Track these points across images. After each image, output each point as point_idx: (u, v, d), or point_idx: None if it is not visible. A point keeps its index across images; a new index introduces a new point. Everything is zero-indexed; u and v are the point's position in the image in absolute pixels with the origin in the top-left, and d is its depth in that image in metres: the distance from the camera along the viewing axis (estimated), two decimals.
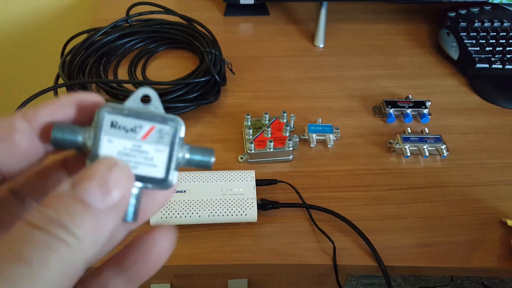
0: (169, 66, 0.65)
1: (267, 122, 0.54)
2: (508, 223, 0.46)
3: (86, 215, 0.13)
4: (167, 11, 0.67)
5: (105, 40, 0.64)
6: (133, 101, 0.16)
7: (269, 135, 0.52)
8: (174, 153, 0.16)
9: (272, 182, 0.49)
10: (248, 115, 0.53)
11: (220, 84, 0.60)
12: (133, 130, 0.16)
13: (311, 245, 0.45)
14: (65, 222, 0.13)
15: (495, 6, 0.73)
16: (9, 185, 0.17)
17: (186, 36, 0.66)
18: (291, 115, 0.54)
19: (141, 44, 0.67)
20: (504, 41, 0.68)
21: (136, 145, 0.16)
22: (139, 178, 0.16)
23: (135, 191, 0.16)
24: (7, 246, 0.12)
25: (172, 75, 0.63)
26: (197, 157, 0.17)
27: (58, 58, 0.63)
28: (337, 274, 0.44)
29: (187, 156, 0.17)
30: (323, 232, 0.45)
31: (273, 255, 0.44)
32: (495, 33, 0.69)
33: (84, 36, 0.65)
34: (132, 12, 0.67)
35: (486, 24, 0.70)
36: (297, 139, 0.53)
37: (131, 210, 0.16)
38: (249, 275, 0.53)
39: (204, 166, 0.17)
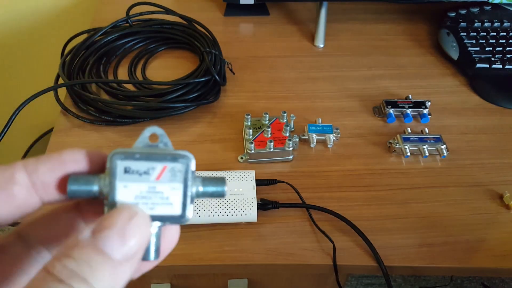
0: (169, 66, 0.65)
1: (267, 122, 0.54)
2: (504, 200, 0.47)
3: (105, 266, 0.13)
4: (167, 11, 0.67)
5: (105, 40, 0.64)
6: (141, 141, 0.17)
7: (269, 135, 0.52)
8: (188, 189, 0.16)
9: (272, 182, 0.49)
10: (248, 115, 0.53)
11: (220, 84, 0.60)
12: (146, 172, 0.16)
13: (311, 245, 0.45)
14: (85, 276, 0.13)
15: (495, 6, 0.73)
16: (17, 229, 0.17)
17: (186, 36, 0.66)
18: (291, 115, 0.54)
19: (141, 44, 0.67)
20: (504, 41, 0.68)
21: (151, 186, 0.16)
22: (158, 218, 0.16)
23: (154, 230, 0.16)
24: None
25: (172, 75, 0.63)
26: (211, 189, 0.17)
27: (58, 58, 0.63)
28: (337, 274, 0.44)
29: (201, 189, 0.17)
30: (323, 232, 0.45)
31: (273, 255, 0.44)
32: (495, 33, 0.69)
33: (84, 36, 0.65)
34: (132, 12, 0.67)
35: (486, 24, 0.70)
36: (297, 139, 0.53)
37: (152, 249, 0.16)
38: (249, 275, 0.53)
39: (217, 196, 0.17)
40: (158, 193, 0.16)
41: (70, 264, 0.13)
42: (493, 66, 0.65)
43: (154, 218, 0.16)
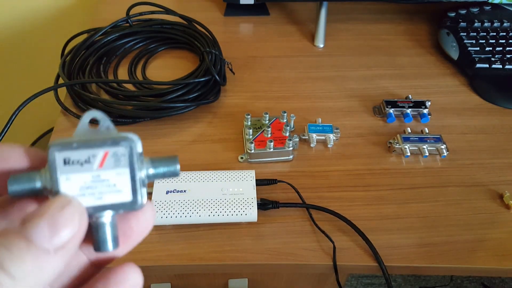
0: (169, 66, 0.65)
1: (267, 122, 0.54)
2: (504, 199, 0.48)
3: (28, 254, 0.13)
4: (167, 11, 0.67)
5: (105, 40, 0.64)
6: (81, 128, 0.16)
7: (269, 135, 0.52)
8: (135, 172, 0.16)
9: (272, 182, 0.49)
10: (248, 115, 0.53)
11: (220, 84, 0.60)
12: (87, 161, 0.15)
13: (311, 245, 0.45)
14: (2, 261, 0.12)
15: (495, 6, 0.73)
16: None
17: (186, 36, 0.66)
18: (291, 115, 0.54)
19: (141, 44, 0.67)
20: (504, 41, 0.68)
21: (95, 175, 0.15)
22: (109, 206, 0.15)
23: (108, 219, 0.15)
24: None
25: (172, 75, 0.63)
26: (162, 169, 0.16)
27: (58, 58, 0.63)
28: (337, 274, 0.44)
29: (151, 171, 0.16)
30: (323, 232, 0.45)
31: (273, 255, 0.44)
32: (495, 33, 0.69)
33: (84, 36, 0.65)
34: (132, 12, 0.67)
35: (486, 24, 0.70)
36: (297, 139, 0.53)
37: (109, 239, 0.15)
38: (249, 275, 0.53)
39: (171, 176, 0.17)
40: (103, 181, 0.15)
41: None
42: (493, 66, 0.65)
43: (104, 207, 0.15)
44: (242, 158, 0.53)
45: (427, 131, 0.56)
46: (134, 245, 0.17)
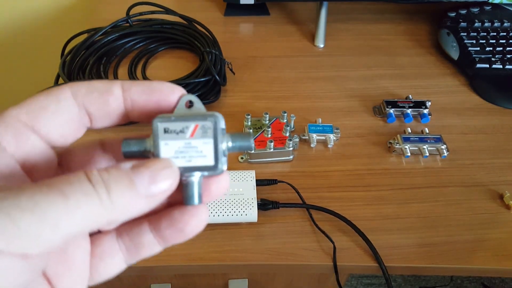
0: (169, 66, 0.65)
1: (267, 122, 0.54)
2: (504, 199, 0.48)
3: (127, 190, 0.16)
4: (167, 11, 0.67)
5: (105, 40, 0.64)
6: (180, 108, 0.20)
7: (269, 135, 0.52)
8: (218, 142, 0.19)
9: (272, 182, 0.49)
10: (248, 115, 0.53)
11: (220, 84, 0.60)
12: (182, 131, 0.19)
13: (311, 245, 0.45)
14: (110, 186, 0.16)
15: (495, 6, 0.73)
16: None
17: (186, 36, 0.66)
18: (291, 115, 0.54)
19: (141, 44, 0.67)
20: (504, 41, 0.68)
21: (187, 142, 0.19)
22: (196, 168, 0.19)
23: (195, 179, 0.19)
24: (60, 181, 0.15)
25: (172, 75, 0.63)
26: (239, 143, 0.20)
27: (58, 58, 0.63)
28: (337, 274, 0.44)
29: (230, 144, 0.20)
30: (323, 232, 0.45)
31: (273, 255, 0.44)
32: (495, 33, 0.69)
33: (84, 36, 0.65)
34: (132, 12, 0.67)
35: (486, 24, 0.70)
36: (297, 139, 0.53)
37: (195, 195, 0.19)
38: (249, 275, 0.53)
39: (246, 149, 0.20)
40: (193, 148, 0.19)
41: (104, 175, 0.16)
42: (493, 66, 0.65)
43: (192, 168, 0.19)
44: (242, 158, 0.53)
45: (427, 131, 0.56)
46: (210, 202, 0.20)
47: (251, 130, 0.21)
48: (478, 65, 0.65)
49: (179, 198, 0.19)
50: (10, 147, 0.17)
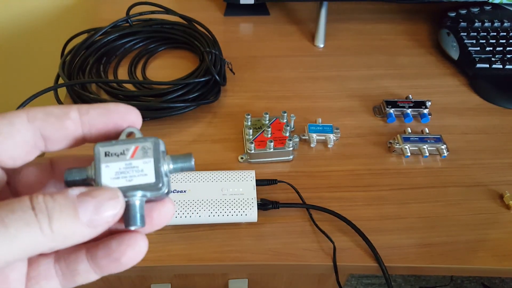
0: (169, 66, 0.65)
1: (267, 122, 0.54)
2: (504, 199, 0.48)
3: (70, 219, 0.16)
4: (167, 11, 0.67)
5: (105, 40, 0.64)
6: (122, 138, 0.20)
7: (269, 135, 0.52)
8: (159, 159, 0.20)
9: (272, 182, 0.49)
10: (248, 115, 0.53)
11: (220, 84, 0.60)
12: (122, 153, 0.20)
13: (311, 245, 0.45)
14: (52, 215, 0.16)
15: (495, 6, 0.73)
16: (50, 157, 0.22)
17: (186, 36, 0.66)
18: (291, 115, 0.54)
19: (141, 44, 0.67)
20: (504, 41, 0.68)
21: (128, 163, 0.20)
22: (137, 187, 0.19)
23: (138, 200, 0.19)
24: (2, 209, 0.15)
25: (172, 75, 0.63)
26: (180, 164, 0.21)
27: (58, 58, 0.63)
28: (337, 274, 0.44)
29: (171, 166, 0.20)
30: (323, 232, 0.45)
31: (273, 255, 0.44)
32: (495, 33, 0.69)
33: (84, 36, 0.65)
34: (132, 12, 0.67)
35: (486, 24, 0.70)
36: (297, 139, 0.53)
37: (138, 216, 0.19)
38: (249, 275, 0.53)
39: (188, 169, 0.21)
40: (134, 168, 0.19)
41: (48, 202, 0.16)
42: (493, 66, 0.65)
43: (133, 188, 0.19)
44: (242, 158, 0.53)
45: (428, 131, 0.56)
46: (151, 231, 0.21)
47: (191, 153, 0.21)
48: (478, 65, 0.65)
49: (121, 224, 0.19)
50: None
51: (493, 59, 0.65)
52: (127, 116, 0.20)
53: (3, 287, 0.18)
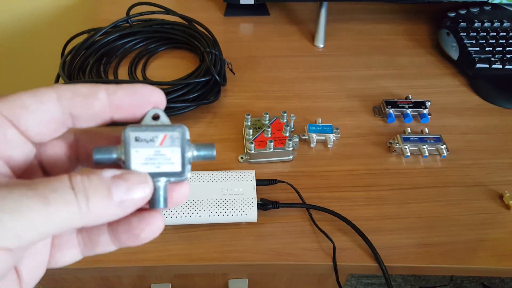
0: (169, 66, 0.65)
1: (267, 122, 0.54)
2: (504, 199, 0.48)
3: (104, 200, 0.18)
4: (168, 11, 0.67)
5: (106, 40, 0.64)
6: (147, 119, 0.21)
7: (269, 135, 0.52)
8: (185, 150, 0.21)
9: (272, 182, 0.49)
10: (248, 115, 0.53)
11: (220, 84, 0.60)
12: (152, 140, 0.20)
13: (311, 245, 0.45)
14: (89, 195, 0.17)
15: (495, 6, 0.73)
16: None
17: (186, 36, 0.66)
18: (291, 115, 0.54)
19: (141, 44, 0.67)
20: (504, 41, 0.68)
21: (156, 150, 0.20)
22: (163, 174, 0.20)
23: (162, 184, 0.20)
24: (45, 186, 0.17)
25: (172, 75, 0.63)
26: (203, 152, 0.22)
27: (58, 58, 0.63)
28: (337, 274, 0.44)
29: (195, 153, 0.21)
30: (323, 232, 0.45)
31: (273, 255, 0.44)
32: (495, 33, 0.69)
33: (85, 36, 0.65)
34: (132, 12, 0.67)
35: (486, 24, 0.70)
36: (297, 139, 0.53)
37: (161, 199, 0.20)
38: (249, 275, 0.53)
39: (210, 158, 0.22)
40: (162, 155, 0.20)
41: (85, 182, 0.17)
42: (493, 66, 0.65)
43: (160, 174, 0.20)
44: (242, 158, 0.53)
45: (427, 131, 0.56)
46: (168, 208, 0.22)
47: (214, 144, 0.22)
48: (478, 65, 0.65)
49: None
50: None
51: (492, 59, 0.65)
52: (152, 97, 0.21)
53: (32, 254, 0.20)
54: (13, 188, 0.16)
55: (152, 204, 0.20)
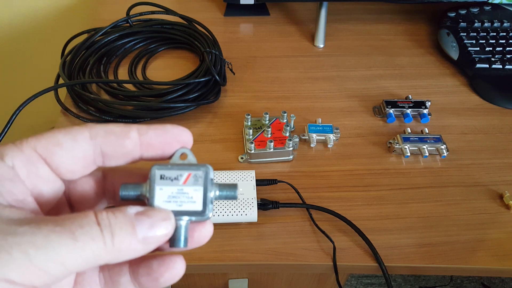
0: (169, 66, 0.66)
1: (267, 122, 0.54)
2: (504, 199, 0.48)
3: (129, 236, 0.18)
4: (168, 11, 0.67)
5: (106, 40, 0.64)
6: (175, 157, 0.22)
7: (269, 135, 0.52)
8: (207, 189, 0.21)
9: (272, 182, 0.49)
10: (248, 115, 0.53)
11: (220, 84, 0.60)
12: (176, 178, 0.21)
13: (311, 245, 0.45)
14: (114, 231, 0.17)
15: (495, 6, 0.73)
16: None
17: (186, 36, 0.66)
18: (291, 115, 0.54)
19: (141, 44, 0.67)
20: (504, 41, 0.68)
21: (180, 189, 0.21)
22: (185, 212, 0.21)
23: (183, 223, 0.21)
24: (72, 222, 0.17)
25: (172, 75, 0.63)
26: (225, 192, 0.22)
27: (58, 58, 0.64)
28: (337, 274, 0.44)
29: (217, 193, 0.22)
30: (323, 232, 0.45)
31: (273, 255, 0.44)
32: (495, 33, 0.69)
33: (85, 36, 0.65)
34: (132, 12, 0.67)
35: (486, 24, 0.70)
36: (297, 139, 0.53)
37: (182, 238, 0.21)
38: (249, 275, 0.53)
39: (231, 198, 0.22)
40: (184, 194, 0.21)
41: (111, 218, 0.18)
42: (493, 66, 0.65)
43: (182, 213, 0.21)
44: (242, 158, 0.53)
45: (427, 131, 0.56)
46: (190, 249, 0.22)
47: (237, 184, 0.23)
48: (478, 65, 0.65)
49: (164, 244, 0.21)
50: (22, 173, 0.19)
51: (492, 59, 0.65)
52: (181, 137, 0.21)
53: (55, 287, 0.20)
54: (41, 224, 0.17)
55: (172, 243, 0.20)
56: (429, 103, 0.58)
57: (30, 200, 0.19)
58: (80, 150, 0.20)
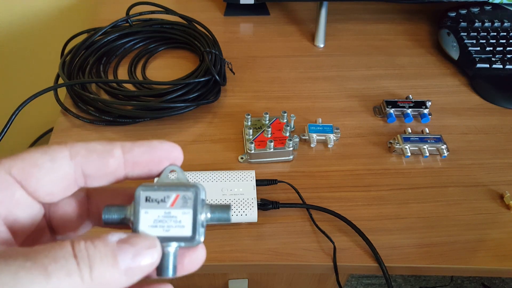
0: (169, 66, 0.65)
1: (267, 122, 0.54)
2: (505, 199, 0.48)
3: (110, 268, 0.16)
4: (167, 11, 0.67)
5: (105, 40, 0.64)
6: (163, 176, 0.20)
7: (269, 135, 0.52)
8: (197, 213, 0.19)
9: (272, 182, 0.49)
10: (248, 115, 0.53)
11: (220, 84, 0.60)
12: (163, 200, 0.19)
13: (311, 245, 0.45)
14: (93, 263, 0.16)
15: (496, 6, 0.73)
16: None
17: (186, 36, 0.66)
18: (291, 115, 0.54)
19: (141, 44, 0.67)
20: (504, 41, 0.68)
21: (167, 212, 0.19)
22: (173, 238, 0.19)
23: (172, 250, 0.19)
24: (45, 255, 0.15)
25: (172, 75, 0.63)
26: (217, 214, 0.20)
27: (58, 58, 0.63)
28: (337, 274, 0.44)
29: (209, 215, 0.20)
30: (323, 232, 0.45)
31: (273, 255, 0.44)
32: (495, 33, 0.69)
33: (84, 36, 0.65)
34: (132, 12, 0.67)
35: (486, 24, 0.70)
36: (297, 139, 0.53)
37: (170, 267, 0.19)
38: (249, 275, 0.53)
39: (225, 221, 0.21)
40: (172, 217, 0.19)
41: (89, 247, 0.16)
42: (494, 66, 0.65)
43: (169, 239, 0.19)
44: (242, 158, 0.53)
45: (428, 131, 0.56)
46: (180, 276, 0.20)
47: (230, 203, 0.22)
48: (478, 65, 0.65)
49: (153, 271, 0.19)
50: None
51: (493, 59, 0.65)
52: (170, 154, 0.20)
53: None
54: (10, 259, 0.15)
55: (159, 271, 0.19)
56: (430, 103, 0.58)
57: (2, 230, 0.17)
58: (60, 171, 0.18)
